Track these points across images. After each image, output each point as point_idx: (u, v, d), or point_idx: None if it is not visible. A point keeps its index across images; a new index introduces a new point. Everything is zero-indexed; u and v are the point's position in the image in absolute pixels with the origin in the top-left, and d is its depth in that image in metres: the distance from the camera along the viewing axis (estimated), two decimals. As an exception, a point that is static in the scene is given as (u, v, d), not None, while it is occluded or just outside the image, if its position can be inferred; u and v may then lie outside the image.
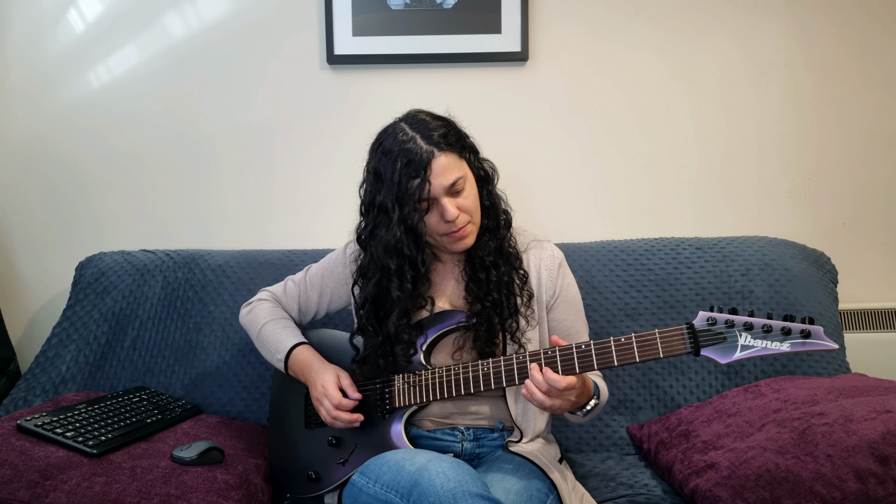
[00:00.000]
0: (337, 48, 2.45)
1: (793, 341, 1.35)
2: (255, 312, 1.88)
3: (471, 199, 1.63)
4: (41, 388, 2.09)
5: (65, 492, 1.45)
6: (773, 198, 2.53)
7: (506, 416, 1.73)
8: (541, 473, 1.60)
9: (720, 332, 1.41)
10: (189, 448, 1.67)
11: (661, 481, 1.81)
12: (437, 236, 1.65)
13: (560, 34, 2.48)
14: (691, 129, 2.51)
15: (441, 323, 1.69)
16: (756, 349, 1.38)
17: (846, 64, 2.50)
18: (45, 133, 2.51)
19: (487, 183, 1.71)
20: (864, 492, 1.43)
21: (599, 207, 2.52)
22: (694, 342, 1.42)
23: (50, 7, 2.47)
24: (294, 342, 1.78)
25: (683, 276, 2.20)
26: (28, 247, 2.55)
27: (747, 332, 1.39)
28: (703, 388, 2.10)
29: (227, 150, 2.52)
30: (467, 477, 1.36)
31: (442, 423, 1.73)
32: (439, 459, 1.41)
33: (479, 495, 1.32)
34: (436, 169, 1.57)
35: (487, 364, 1.59)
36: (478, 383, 1.59)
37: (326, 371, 1.70)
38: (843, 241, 2.53)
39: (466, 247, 1.66)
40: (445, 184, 1.58)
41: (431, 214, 1.61)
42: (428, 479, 1.34)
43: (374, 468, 1.49)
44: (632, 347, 1.46)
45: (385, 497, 1.41)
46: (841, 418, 1.58)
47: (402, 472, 1.41)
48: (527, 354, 1.56)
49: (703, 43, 2.49)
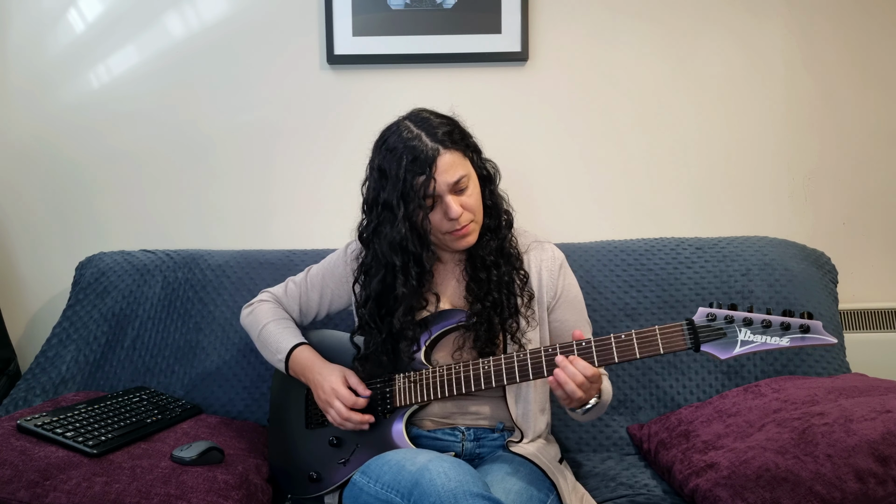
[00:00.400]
0: (337, 48, 2.45)
1: (792, 336, 1.37)
2: (255, 313, 1.88)
3: (474, 198, 1.64)
4: (41, 388, 2.09)
5: (65, 492, 1.46)
6: (772, 198, 2.53)
7: (506, 416, 1.73)
8: (541, 474, 1.60)
9: (720, 328, 1.42)
10: (189, 448, 1.67)
11: (661, 481, 1.81)
12: (439, 234, 1.65)
13: (560, 34, 2.48)
14: (691, 129, 2.51)
15: (444, 321, 1.70)
16: (755, 344, 1.40)
17: (846, 64, 2.50)
18: (45, 133, 2.51)
19: (490, 183, 1.72)
20: (864, 492, 1.43)
21: (599, 207, 2.52)
22: (694, 338, 1.44)
23: (50, 7, 2.47)
24: (294, 342, 1.78)
25: (683, 276, 2.20)
26: (28, 247, 2.55)
27: (747, 328, 1.41)
28: (703, 388, 2.10)
29: (227, 149, 2.52)
30: (468, 477, 1.36)
31: (442, 423, 1.73)
32: (440, 459, 1.41)
33: (480, 495, 1.32)
34: (441, 166, 1.58)
35: (488, 362, 1.60)
36: (479, 381, 1.60)
37: (332, 372, 1.70)
38: (844, 241, 2.53)
39: (468, 245, 1.67)
40: (450, 181, 1.58)
41: (435, 212, 1.62)
42: (429, 479, 1.34)
43: (374, 468, 1.49)
44: (632, 344, 1.48)
45: (386, 497, 1.41)
46: (841, 418, 1.58)
47: (402, 471, 1.41)
48: (527, 352, 1.57)
49: (704, 43, 2.49)
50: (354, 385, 1.68)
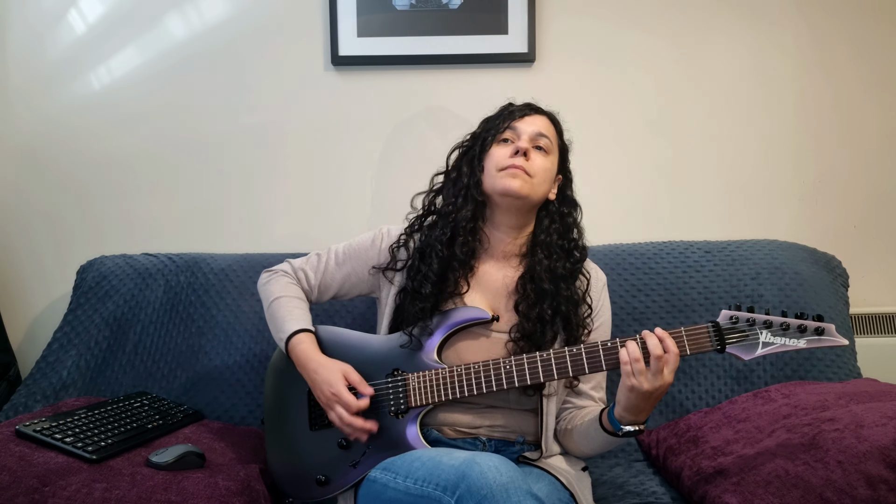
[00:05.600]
0: (341, 49, 2.44)
1: (809, 338, 1.47)
2: (271, 284, 1.83)
3: (544, 166, 1.71)
4: (42, 393, 2.07)
5: (64, 498, 1.44)
6: (783, 201, 2.51)
7: (529, 430, 1.70)
8: (560, 485, 1.57)
9: (743, 331, 1.49)
10: (165, 452, 1.63)
11: (669, 488, 1.80)
12: (493, 171, 1.68)
13: (567, 35, 2.47)
14: (700, 132, 2.50)
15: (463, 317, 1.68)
16: (776, 346, 1.48)
17: (856, 66, 2.49)
18: (45, 135, 2.50)
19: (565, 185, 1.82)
20: (874, 498, 1.42)
21: (607, 210, 2.51)
22: (720, 339, 1.49)
23: (50, 7, 2.47)
24: (297, 327, 1.71)
25: (692, 280, 2.18)
26: (29, 250, 2.54)
27: (767, 330, 1.48)
28: (712, 394, 2.09)
29: (230, 152, 2.51)
30: (517, 474, 1.32)
31: (464, 433, 1.69)
32: (486, 454, 1.37)
33: (530, 493, 1.29)
34: (530, 118, 1.70)
35: (509, 361, 1.57)
36: (500, 380, 1.57)
37: (330, 371, 1.63)
38: (854, 245, 2.51)
39: (512, 189, 1.66)
40: (533, 131, 1.68)
41: (504, 147, 1.69)
42: (479, 472, 1.30)
43: (402, 464, 1.46)
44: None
45: (420, 491, 1.37)
46: (852, 424, 1.57)
47: (440, 465, 1.38)
48: (551, 352, 1.56)
49: (712, 45, 2.48)
50: (356, 383, 1.62)
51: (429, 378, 1.62)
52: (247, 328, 2.17)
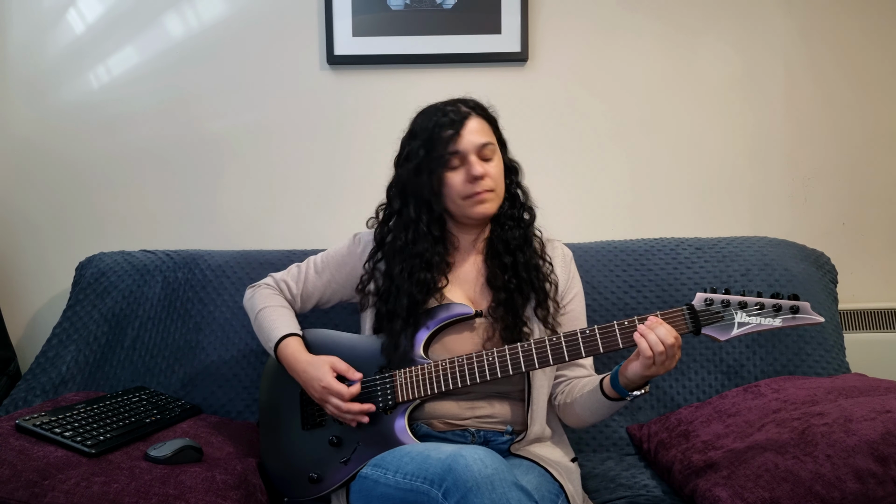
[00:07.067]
0: (337, 48, 2.45)
1: (783, 317, 1.46)
2: (255, 297, 1.87)
3: (497, 170, 1.70)
4: (41, 388, 2.08)
5: (63, 491, 1.45)
6: (772, 198, 2.53)
7: (517, 419, 1.72)
8: (549, 476, 1.59)
9: (718, 312, 1.49)
10: (162, 446, 1.65)
11: (660, 482, 1.81)
12: (458, 200, 1.68)
13: (560, 35, 2.48)
14: (691, 130, 2.51)
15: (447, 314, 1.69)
16: (751, 325, 1.47)
17: (845, 65, 2.51)
18: (45, 133, 2.51)
19: (514, 174, 1.80)
20: (863, 492, 1.43)
21: (599, 208, 2.52)
22: (695, 321, 1.49)
23: (50, 7, 2.48)
24: (284, 332, 1.75)
25: (683, 277, 2.20)
26: (28, 247, 2.55)
27: (742, 311, 1.48)
28: (702, 389, 2.10)
29: (227, 150, 2.53)
30: (502, 466, 1.34)
31: (453, 425, 1.70)
32: (472, 447, 1.39)
33: (515, 484, 1.31)
34: (470, 126, 1.66)
35: (492, 353, 1.59)
36: (483, 372, 1.59)
37: (318, 367, 1.66)
38: (843, 241, 2.53)
39: (486, 213, 1.69)
40: (477, 142, 1.66)
41: (457, 173, 1.67)
42: (464, 465, 1.31)
43: (391, 460, 1.48)
44: (635, 329, 1.50)
45: (409, 485, 1.39)
46: (840, 418, 1.59)
47: (428, 460, 1.39)
48: (532, 342, 1.57)
49: (704, 44, 2.50)
50: (343, 371, 1.65)
51: (415, 373, 1.64)
52: (244, 324, 2.17)
